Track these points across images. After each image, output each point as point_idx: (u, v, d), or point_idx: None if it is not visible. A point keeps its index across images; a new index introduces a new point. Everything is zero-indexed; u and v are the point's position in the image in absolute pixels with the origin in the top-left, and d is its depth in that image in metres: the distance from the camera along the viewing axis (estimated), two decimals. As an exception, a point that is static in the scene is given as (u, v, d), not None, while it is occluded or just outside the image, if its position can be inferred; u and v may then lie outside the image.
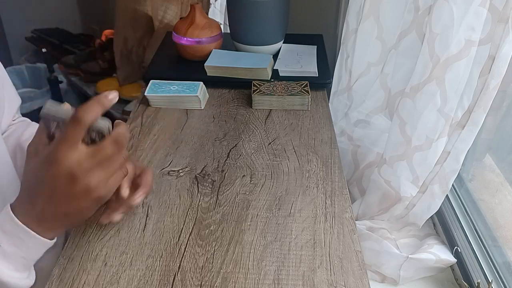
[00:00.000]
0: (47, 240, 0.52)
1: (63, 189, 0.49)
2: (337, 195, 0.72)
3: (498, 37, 0.76)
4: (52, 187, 0.49)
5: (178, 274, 0.59)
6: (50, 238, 0.53)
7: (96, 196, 0.50)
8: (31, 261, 0.54)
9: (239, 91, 1.01)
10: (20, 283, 0.53)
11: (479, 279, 0.92)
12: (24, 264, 0.53)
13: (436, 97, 0.87)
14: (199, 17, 1.06)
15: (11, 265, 0.51)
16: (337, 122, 1.25)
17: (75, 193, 0.49)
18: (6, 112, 0.74)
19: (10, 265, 0.51)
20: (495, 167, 1.11)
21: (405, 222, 1.07)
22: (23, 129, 0.76)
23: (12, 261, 0.51)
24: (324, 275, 0.59)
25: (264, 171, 0.77)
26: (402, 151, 0.97)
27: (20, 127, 0.77)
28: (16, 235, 0.51)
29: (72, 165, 0.48)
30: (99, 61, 1.96)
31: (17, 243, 0.51)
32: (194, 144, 0.83)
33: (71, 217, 0.52)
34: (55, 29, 2.24)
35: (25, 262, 0.53)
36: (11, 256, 0.51)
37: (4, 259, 0.51)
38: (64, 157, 0.47)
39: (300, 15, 1.50)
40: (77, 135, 0.48)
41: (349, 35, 1.15)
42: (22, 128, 0.76)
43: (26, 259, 0.52)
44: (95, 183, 0.49)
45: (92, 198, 0.50)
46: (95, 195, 0.50)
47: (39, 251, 0.53)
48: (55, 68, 1.99)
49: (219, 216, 0.67)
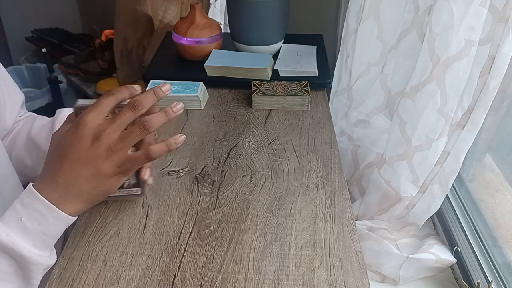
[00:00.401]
0: (67, 215, 0.53)
1: (87, 150, 0.51)
2: (337, 195, 0.72)
3: (498, 37, 0.76)
4: (77, 148, 0.51)
5: (178, 274, 0.59)
6: (71, 214, 0.53)
7: (118, 159, 0.52)
8: (50, 237, 0.53)
9: (239, 91, 1.01)
10: (40, 260, 0.53)
11: (479, 279, 0.92)
12: (43, 241, 0.53)
13: (436, 97, 0.87)
14: (199, 17, 1.06)
15: (30, 239, 0.52)
16: (337, 122, 1.25)
17: (98, 154, 0.52)
18: (8, 107, 0.74)
19: (29, 240, 0.51)
20: (495, 167, 1.11)
21: (405, 222, 1.07)
22: (31, 124, 0.76)
23: (31, 235, 0.52)
24: (324, 275, 0.59)
25: (264, 171, 0.77)
26: (402, 151, 0.97)
27: (28, 122, 0.77)
28: (36, 209, 0.51)
29: (95, 126, 0.52)
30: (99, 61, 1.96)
31: (37, 217, 0.51)
32: (194, 144, 0.84)
33: (93, 186, 0.53)
34: (55, 29, 2.24)
35: (45, 238, 0.53)
36: (31, 231, 0.51)
37: (24, 234, 0.51)
38: (91, 120, 0.52)
39: (300, 15, 1.51)
40: (107, 105, 0.53)
41: (349, 35, 1.15)
42: (29, 123, 0.76)
43: (45, 234, 0.52)
44: (115, 143, 0.52)
45: (114, 162, 0.52)
46: (116, 159, 0.52)
47: (58, 226, 0.53)
48: (55, 68, 1.99)
49: (219, 216, 0.67)
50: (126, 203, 0.69)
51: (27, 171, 0.75)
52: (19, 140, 0.74)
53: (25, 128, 0.75)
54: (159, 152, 0.54)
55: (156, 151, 0.54)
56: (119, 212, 0.68)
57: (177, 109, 0.55)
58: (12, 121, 0.76)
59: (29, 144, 0.74)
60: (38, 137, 0.73)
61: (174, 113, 0.55)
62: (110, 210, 0.68)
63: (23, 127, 0.76)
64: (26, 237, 0.51)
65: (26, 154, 0.74)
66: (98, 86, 1.90)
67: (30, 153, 0.74)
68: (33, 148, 0.74)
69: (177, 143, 0.55)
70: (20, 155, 0.74)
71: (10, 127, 0.75)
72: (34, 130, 0.74)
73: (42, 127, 0.74)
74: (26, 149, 0.74)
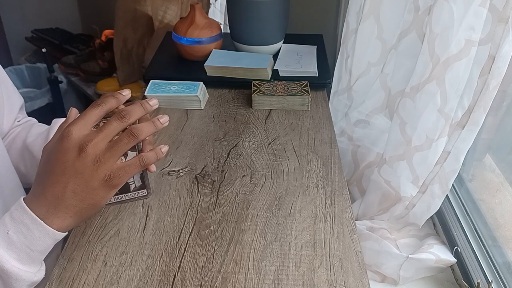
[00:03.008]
0: (54, 230, 0.51)
1: (73, 162, 0.50)
2: (337, 195, 0.72)
3: (498, 37, 0.76)
4: (63, 161, 0.50)
5: (178, 274, 0.58)
6: (59, 229, 0.52)
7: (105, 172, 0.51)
8: (37, 252, 0.52)
9: (239, 91, 1.01)
10: (24, 275, 0.51)
11: (479, 279, 0.92)
12: (29, 256, 0.52)
13: (436, 97, 0.87)
14: (199, 17, 1.06)
15: (15, 254, 0.51)
16: (337, 122, 1.25)
17: (85, 166, 0.50)
18: (6, 111, 0.73)
19: (14, 254, 0.50)
20: (495, 167, 1.11)
21: (405, 222, 1.07)
22: (27, 131, 0.75)
23: (17, 250, 0.51)
24: (324, 275, 0.59)
25: (264, 171, 0.77)
26: (402, 151, 0.97)
27: (25, 128, 0.77)
28: (23, 223, 0.50)
29: (81, 137, 0.50)
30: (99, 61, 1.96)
31: (24, 231, 0.50)
32: (194, 144, 0.83)
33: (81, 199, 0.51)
34: (55, 29, 2.24)
35: (31, 253, 0.52)
36: (17, 245, 0.50)
37: (9, 247, 0.50)
38: (76, 131, 0.50)
39: (300, 15, 1.51)
40: (93, 115, 0.51)
41: (349, 35, 1.15)
42: (26, 130, 0.76)
43: (31, 249, 0.51)
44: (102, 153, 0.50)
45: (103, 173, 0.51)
46: (104, 170, 0.51)
47: (45, 242, 0.52)
48: (55, 68, 1.98)
49: (219, 216, 0.67)
50: (126, 203, 0.69)
51: (21, 178, 0.73)
52: (15, 146, 0.74)
53: (22, 135, 0.75)
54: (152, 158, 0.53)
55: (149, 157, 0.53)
56: (119, 212, 0.68)
57: (163, 121, 0.54)
58: (9, 125, 0.75)
59: (23, 152, 0.74)
60: (33, 145, 0.73)
61: (161, 124, 0.54)
62: (110, 210, 0.68)
63: (19, 134, 0.76)
64: (11, 251, 0.50)
65: (20, 161, 0.74)
66: (98, 86, 1.90)
67: (24, 160, 0.74)
68: (27, 156, 0.73)
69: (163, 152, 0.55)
70: (14, 162, 0.73)
71: (6, 131, 0.75)
72: (30, 138, 0.74)
73: (38, 135, 0.74)
74: (21, 156, 0.74)
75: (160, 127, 0.54)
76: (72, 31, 2.25)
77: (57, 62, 2.02)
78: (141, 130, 0.52)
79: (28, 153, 0.73)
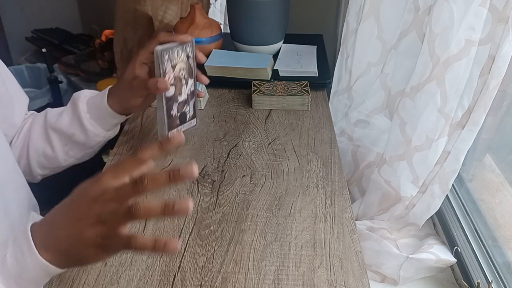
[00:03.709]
0: (45, 262, 0.48)
1: (76, 208, 0.47)
2: (337, 195, 0.72)
3: (498, 37, 0.76)
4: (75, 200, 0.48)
5: (178, 274, 0.58)
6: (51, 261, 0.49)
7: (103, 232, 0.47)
8: (26, 282, 0.49)
9: (239, 91, 1.01)
10: None
11: (479, 279, 0.92)
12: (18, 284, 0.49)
13: (436, 97, 0.87)
14: (199, 17, 1.06)
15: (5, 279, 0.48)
16: (337, 122, 1.25)
17: (87, 215, 0.46)
18: (16, 106, 0.74)
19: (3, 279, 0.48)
20: (495, 167, 1.11)
21: (405, 222, 1.07)
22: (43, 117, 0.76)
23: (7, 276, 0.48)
24: (324, 275, 0.59)
25: (264, 171, 0.77)
26: (402, 151, 0.97)
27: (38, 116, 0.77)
28: (20, 247, 0.49)
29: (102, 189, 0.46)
30: (99, 61, 1.96)
31: (18, 256, 0.49)
32: (194, 144, 0.83)
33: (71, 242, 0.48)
34: (55, 29, 2.24)
35: (20, 281, 0.49)
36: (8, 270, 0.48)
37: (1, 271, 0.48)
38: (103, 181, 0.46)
39: (300, 15, 1.51)
40: (127, 167, 0.47)
41: (349, 35, 1.15)
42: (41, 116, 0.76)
43: (21, 278, 0.49)
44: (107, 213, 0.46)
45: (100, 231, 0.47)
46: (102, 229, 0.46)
47: (35, 272, 0.49)
48: (55, 68, 1.98)
49: (219, 216, 0.67)
50: None
51: (49, 162, 0.74)
52: (34, 132, 0.75)
53: (39, 121, 0.76)
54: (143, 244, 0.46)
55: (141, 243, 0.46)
56: (119, 212, 0.68)
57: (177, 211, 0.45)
58: (21, 118, 0.76)
59: (48, 134, 0.74)
60: (60, 124, 0.73)
61: (173, 213, 0.45)
62: (110, 210, 0.68)
63: (34, 121, 0.76)
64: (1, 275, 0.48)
65: (45, 144, 0.74)
66: (98, 86, 1.90)
67: (50, 142, 0.74)
68: (54, 136, 0.74)
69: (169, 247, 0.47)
70: (39, 147, 0.74)
71: (19, 124, 0.76)
72: (51, 119, 0.74)
73: (59, 114, 0.74)
74: (45, 139, 0.74)
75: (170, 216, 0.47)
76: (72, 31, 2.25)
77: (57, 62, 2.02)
78: (141, 209, 0.45)
79: (54, 133, 0.74)
